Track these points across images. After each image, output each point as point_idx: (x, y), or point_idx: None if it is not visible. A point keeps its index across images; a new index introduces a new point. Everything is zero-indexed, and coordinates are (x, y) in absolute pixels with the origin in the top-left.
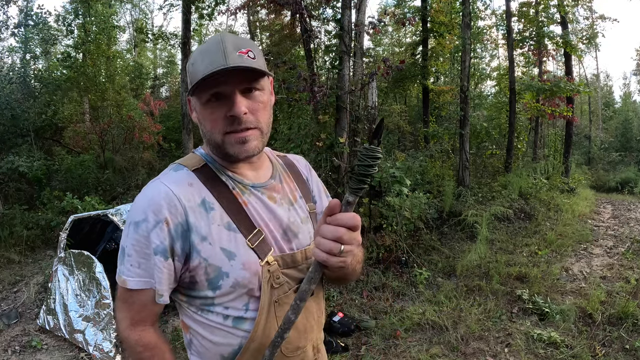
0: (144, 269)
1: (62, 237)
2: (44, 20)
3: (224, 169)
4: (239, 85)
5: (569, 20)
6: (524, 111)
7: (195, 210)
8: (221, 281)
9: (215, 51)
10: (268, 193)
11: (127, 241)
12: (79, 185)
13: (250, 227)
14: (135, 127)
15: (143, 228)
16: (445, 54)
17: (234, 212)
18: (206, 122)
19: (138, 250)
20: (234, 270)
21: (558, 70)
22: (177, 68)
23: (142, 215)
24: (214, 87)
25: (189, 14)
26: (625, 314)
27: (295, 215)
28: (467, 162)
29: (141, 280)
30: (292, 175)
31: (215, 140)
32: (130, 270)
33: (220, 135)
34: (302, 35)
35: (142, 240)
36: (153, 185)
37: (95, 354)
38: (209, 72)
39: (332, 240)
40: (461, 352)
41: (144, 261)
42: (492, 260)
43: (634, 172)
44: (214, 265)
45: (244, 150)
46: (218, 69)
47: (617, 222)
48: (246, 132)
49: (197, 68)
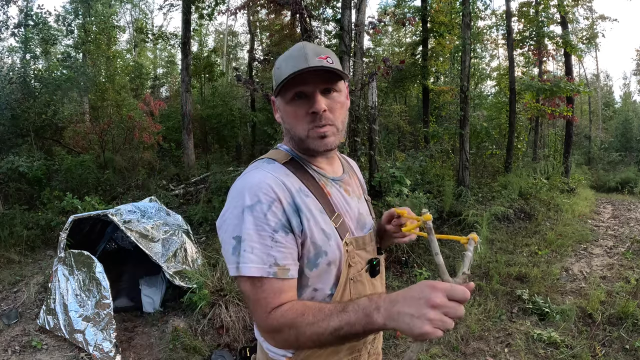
0: (267, 253)
1: (62, 237)
2: (44, 20)
3: (308, 163)
4: (319, 86)
5: (569, 20)
6: (524, 111)
7: (298, 194)
8: (320, 259)
9: (297, 56)
10: (344, 186)
11: (243, 228)
12: (79, 185)
13: (332, 213)
14: (135, 127)
15: (258, 210)
16: (445, 54)
17: (322, 200)
18: (290, 119)
19: (259, 232)
20: (331, 250)
21: (558, 70)
22: (177, 68)
23: (254, 199)
24: (297, 87)
25: (189, 14)
26: (625, 314)
27: (363, 207)
28: (467, 162)
29: (264, 266)
30: (354, 173)
31: (299, 135)
32: (252, 257)
33: (304, 130)
34: (302, 35)
35: (260, 222)
36: (254, 173)
37: (95, 354)
38: (291, 73)
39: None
40: (461, 352)
41: (266, 243)
42: (492, 260)
43: (634, 172)
44: (317, 244)
45: (323, 144)
46: (300, 69)
47: (617, 222)
48: (324, 127)
49: (282, 71)
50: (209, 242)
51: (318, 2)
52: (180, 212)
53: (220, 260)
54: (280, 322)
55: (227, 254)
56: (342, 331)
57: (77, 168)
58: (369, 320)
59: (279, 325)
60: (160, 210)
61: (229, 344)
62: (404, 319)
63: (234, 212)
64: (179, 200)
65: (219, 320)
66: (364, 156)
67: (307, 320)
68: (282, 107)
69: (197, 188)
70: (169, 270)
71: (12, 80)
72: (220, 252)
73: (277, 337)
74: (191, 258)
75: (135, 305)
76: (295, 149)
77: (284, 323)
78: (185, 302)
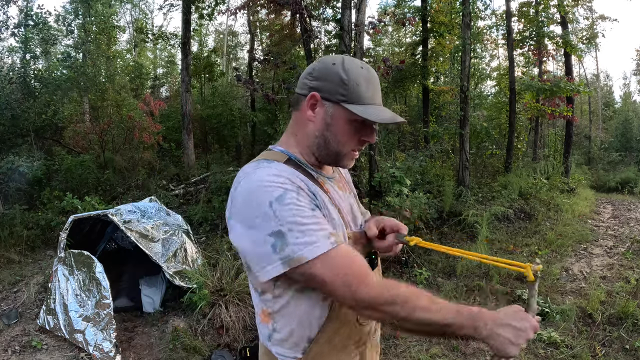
0: (319, 228)
1: (62, 237)
2: (44, 20)
3: (305, 164)
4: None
5: (569, 20)
6: (524, 111)
7: (310, 185)
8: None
9: (377, 85)
10: (338, 184)
11: (281, 220)
12: (79, 185)
13: (335, 207)
14: (135, 127)
15: (288, 197)
16: (445, 54)
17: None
18: (343, 134)
19: (301, 215)
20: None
21: (558, 70)
22: (177, 68)
23: (278, 191)
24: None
25: (189, 14)
26: (625, 314)
27: (355, 203)
28: (467, 162)
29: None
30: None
31: (340, 150)
32: (307, 239)
33: (347, 149)
34: (302, 35)
35: (296, 207)
36: (261, 171)
37: (95, 354)
38: (389, 122)
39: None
40: (461, 352)
41: (312, 221)
42: None
43: (634, 172)
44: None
45: (350, 164)
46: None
47: (617, 222)
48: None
49: (362, 92)
50: (209, 242)
51: (318, 2)
52: (180, 212)
53: (221, 260)
54: (392, 294)
55: (265, 257)
56: (450, 329)
57: (77, 168)
58: (475, 331)
59: (391, 298)
60: (160, 210)
61: (229, 344)
62: (502, 342)
63: (259, 211)
64: (179, 200)
65: (219, 320)
66: (364, 156)
67: (421, 304)
68: (339, 120)
69: (197, 188)
70: (169, 270)
71: (12, 80)
72: (220, 252)
73: (388, 309)
74: (191, 258)
75: (135, 305)
76: (303, 154)
77: (399, 297)
78: (185, 302)
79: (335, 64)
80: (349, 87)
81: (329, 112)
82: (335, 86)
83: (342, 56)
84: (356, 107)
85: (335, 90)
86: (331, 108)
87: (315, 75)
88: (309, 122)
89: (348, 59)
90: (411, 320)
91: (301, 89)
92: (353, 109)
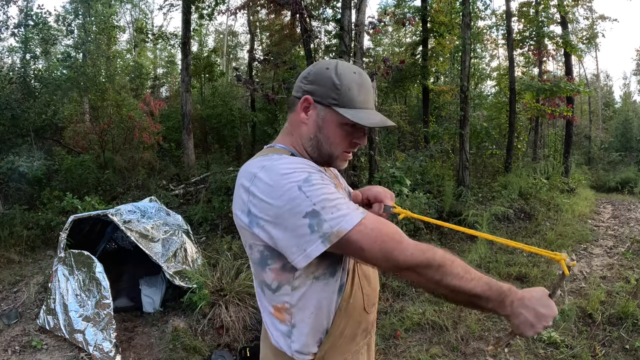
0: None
1: (62, 237)
2: (44, 20)
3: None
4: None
5: (569, 20)
6: (524, 111)
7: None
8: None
9: (369, 90)
10: (335, 181)
11: (313, 199)
12: (79, 185)
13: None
14: (135, 127)
15: (314, 179)
16: (445, 54)
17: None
18: (335, 137)
19: (331, 193)
20: None
21: (558, 70)
22: (177, 68)
23: (304, 173)
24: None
25: (189, 14)
26: (625, 314)
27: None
28: (467, 162)
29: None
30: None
31: (332, 152)
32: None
33: (339, 151)
34: (302, 35)
35: (324, 185)
36: (281, 161)
37: (95, 354)
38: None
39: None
40: (461, 352)
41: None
42: (492, 260)
43: (634, 172)
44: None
45: (343, 165)
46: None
47: (617, 222)
48: (351, 154)
49: (354, 96)
50: (209, 242)
51: (318, 2)
52: (180, 212)
53: (221, 260)
54: (428, 257)
55: (303, 239)
56: (479, 300)
57: (77, 168)
58: (501, 305)
59: (427, 260)
60: (160, 210)
61: (229, 344)
62: (523, 322)
63: (288, 197)
64: (179, 200)
65: (219, 320)
66: (364, 156)
67: (456, 271)
68: (330, 123)
69: (197, 188)
70: (169, 270)
71: (12, 80)
72: (220, 252)
73: (423, 271)
74: (191, 258)
75: (135, 305)
76: (304, 151)
77: (435, 260)
78: (185, 302)
79: (329, 69)
80: (340, 91)
81: (321, 115)
82: (328, 90)
83: (337, 61)
84: (347, 110)
85: (328, 94)
86: (323, 111)
87: (310, 79)
88: (303, 125)
89: (342, 64)
90: (443, 285)
91: (297, 91)
92: (344, 113)
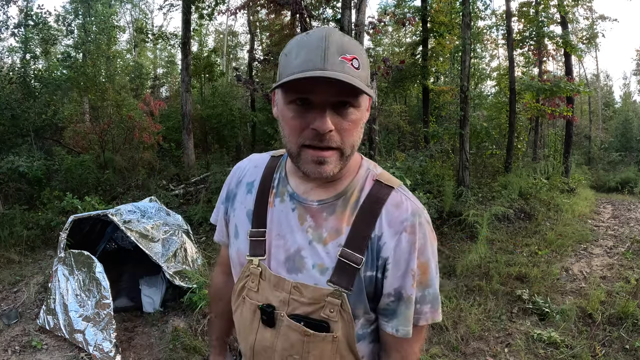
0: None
1: (62, 237)
2: (44, 20)
3: (283, 167)
4: (332, 97)
5: (569, 20)
6: (524, 111)
7: (243, 186)
8: (231, 250)
9: (314, 48)
10: (301, 212)
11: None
12: (79, 185)
13: (259, 224)
14: (135, 127)
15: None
16: (445, 54)
17: (258, 204)
18: (285, 126)
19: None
20: (233, 249)
21: (558, 70)
22: (177, 68)
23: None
24: (303, 93)
25: (189, 14)
26: (625, 314)
27: (312, 255)
28: (467, 162)
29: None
30: (360, 214)
31: (290, 149)
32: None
33: (297, 146)
34: None
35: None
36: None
37: (95, 354)
38: (300, 76)
39: None
40: (461, 352)
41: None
42: (492, 260)
43: (634, 172)
44: (230, 234)
45: (317, 172)
46: (310, 74)
47: (617, 222)
48: (326, 151)
49: (290, 61)
50: (209, 242)
51: (318, 2)
52: (180, 212)
53: None
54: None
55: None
56: None
57: (77, 168)
58: None
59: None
60: (160, 210)
61: (229, 344)
62: None
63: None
64: (179, 200)
65: None
66: (364, 156)
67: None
68: (280, 105)
69: (197, 188)
70: (169, 270)
71: (12, 80)
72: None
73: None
74: (191, 258)
75: (135, 305)
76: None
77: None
78: (185, 302)
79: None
80: (281, 62)
81: (277, 102)
82: (279, 70)
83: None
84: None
85: (278, 76)
86: (277, 95)
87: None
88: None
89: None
90: None
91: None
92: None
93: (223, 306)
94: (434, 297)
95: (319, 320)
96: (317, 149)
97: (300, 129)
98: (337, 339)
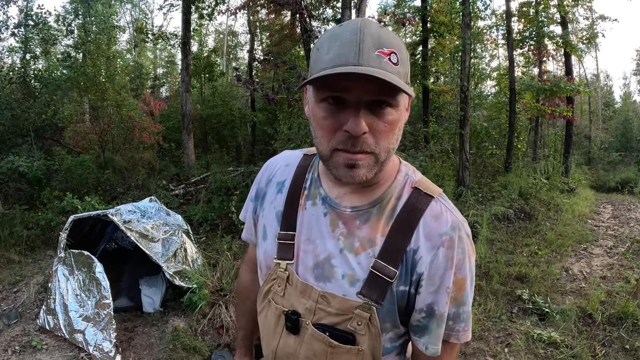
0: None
1: (62, 237)
2: (44, 20)
3: (316, 168)
4: (367, 96)
5: (569, 20)
6: (524, 111)
7: (273, 185)
8: (258, 252)
9: (348, 42)
10: (333, 218)
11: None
12: (79, 185)
13: (288, 227)
14: (135, 127)
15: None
16: (445, 54)
17: (288, 206)
18: (316, 127)
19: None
20: (260, 250)
21: (558, 70)
22: (177, 68)
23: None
24: (335, 91)
25: (189, 14)
26: (625, 314)
27: (342, 264)
28: (467, 162)
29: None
30: (396, 225)
31: (321, 152)
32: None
33: (329, 150)
34: (302, 35)
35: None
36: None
37: (95, 354)
38: (331, 72)
39: None
40: (461, 352)
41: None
42: (492, 260)
43: (634, 172)
44: (258, 235)
45: (349, 176)
46: (343, 70)
47: (617, 222)
48: (358, 155)
49: (321, 56)
50: (209, 242)
51: (318, 2)
52: (180, 212)
53: (221, 260)
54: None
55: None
56: None
57: (77, 168)
58: None
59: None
60: (160, 210)
61: (229, 344)
62: None
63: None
64: (179, 200)
65: (219, 320)
66: None
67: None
68: (312, 103)
69: (197, 188)
70: (169, 270)
71: (12, 80)
72: (220, 252)
73: None
74: (191, 258)
75: (135, 305)
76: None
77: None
78: (185, 302)
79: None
80: (312, 57)
81: (309, 100)
82: (310, 67)
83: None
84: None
85: (309, 72)
86: (309, 93)
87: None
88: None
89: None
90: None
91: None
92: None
93: (250, 305)
94: (468, 316)
95: (344, 332)
96: (349, 153)
97: (333, 130)
98: (362, 352)
